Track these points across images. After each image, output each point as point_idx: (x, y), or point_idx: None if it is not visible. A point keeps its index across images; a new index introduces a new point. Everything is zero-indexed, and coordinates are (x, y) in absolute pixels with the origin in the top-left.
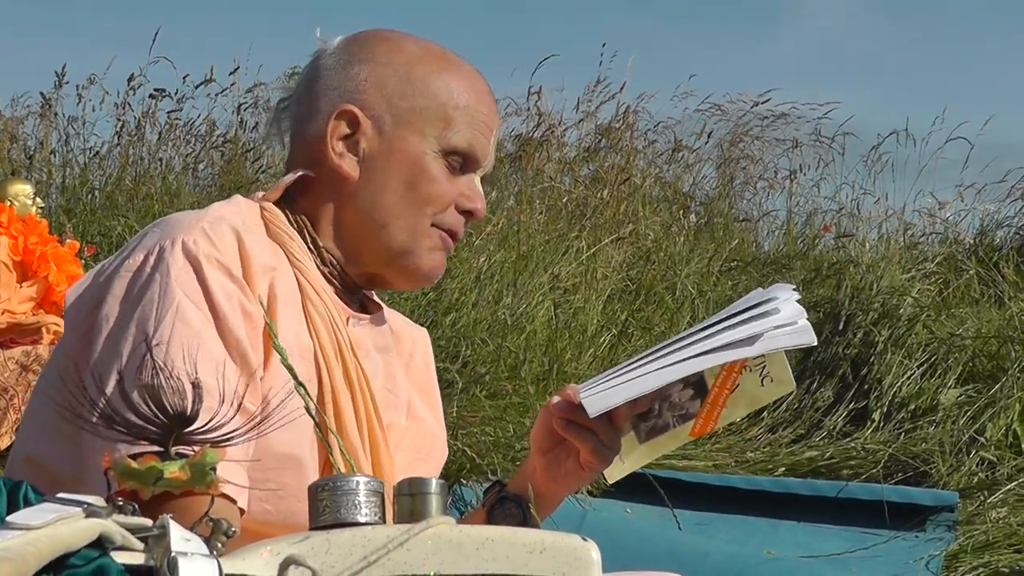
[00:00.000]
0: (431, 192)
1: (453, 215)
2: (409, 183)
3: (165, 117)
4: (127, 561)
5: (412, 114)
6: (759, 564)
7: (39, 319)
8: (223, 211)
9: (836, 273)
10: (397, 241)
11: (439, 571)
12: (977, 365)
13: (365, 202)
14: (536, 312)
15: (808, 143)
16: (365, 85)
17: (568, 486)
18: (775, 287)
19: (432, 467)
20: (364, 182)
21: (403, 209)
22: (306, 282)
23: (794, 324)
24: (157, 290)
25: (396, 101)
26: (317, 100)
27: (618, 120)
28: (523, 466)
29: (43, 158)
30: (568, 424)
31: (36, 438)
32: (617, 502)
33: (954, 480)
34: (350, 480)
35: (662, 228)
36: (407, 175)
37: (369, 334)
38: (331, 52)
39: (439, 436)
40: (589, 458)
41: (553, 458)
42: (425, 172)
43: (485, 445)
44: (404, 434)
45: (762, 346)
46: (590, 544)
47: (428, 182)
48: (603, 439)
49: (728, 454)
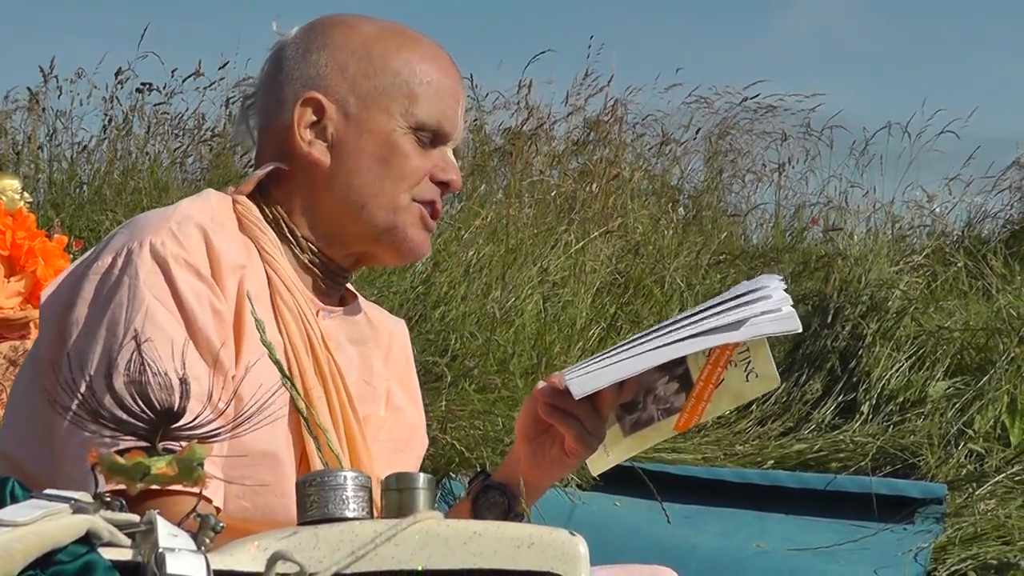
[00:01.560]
0: (405, 168)
1: (430, 188)
2: (381, 161)
3: (153, 111)
4: (114, 557)
5: (376, 93)
6: (748, 557)
7: (27, 314)
8: (191, 209)
9: (824, 266)
10: (378, 219)
11: (427, 566)
12: (965, 358)
13: (341, 186)
14: (525, 306)
15: (796, 136)
16: (326, 70)
17: (553, 474)
18: (762, 276)
19: (412, 458)
20: (336, 166)
21: (379, 187)
22: (276, 277)
23: (779, 311)
24: (126, 293)
25: (359, 82)
26: (281, 90)
27: (606, 113)
28: (508, 456)
29: (31, 153)
30: (553, 410)
31: (11, 437)
32: (606, 495)
33: (942, 472)
34: (338, 475)
35: (651, 222)
36: (378, 154)
37: (341, 326)
38: (290, 43)
39: (419, 427)
40: (574, 444)
41: (538, 445)
42: (396, 149)
43: (474, 439)
44: (382, 425)
45: (747, 331)
46: (578, 538)
47: (400, 158)
48: (587, 426)
49: (717, 447)
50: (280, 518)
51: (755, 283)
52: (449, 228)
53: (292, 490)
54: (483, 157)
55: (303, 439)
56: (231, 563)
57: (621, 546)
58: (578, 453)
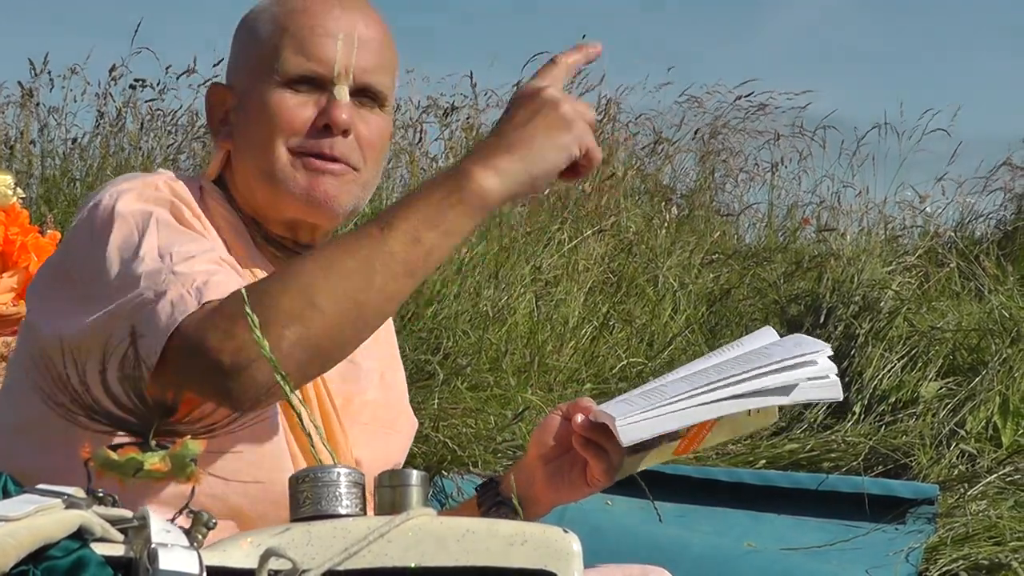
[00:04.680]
0: (278, 123)
1: (313, 136)
2: (261, 125)
3: (146, 108)
4: (107, 552)
5: (252, 65)
6: (740, 556)
7: (20, 310)
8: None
9: (817, 266)
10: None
11: (420, 563)
12: (958, 358)
13: (241, 162)
14: (518, 304)
15: (788, 135)
16: (233, 65)
17: (570, 497)
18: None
19: (396, 443)
20: (237, 146)
21: (260, 150)
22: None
23: (825, 379)
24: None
25: (244, 64)
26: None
27: (599, 112)
28: (518, 471)
29: (23, 148)
30: (587, 443)
31: (3, 429)
32: (598, 494)
33: (934, 473)
34: (331, 472)
35: (643, 221)
36: (258, 120)
37: None
38: None
39: (404, 410)
40: (599, 477)
41: (556, 468)
42: (268, 108)
43: (466, 437)
44: (365, 408)
45: (794, 397)
46: (571, 536)
47: (274, 116)
48: (615, 461)
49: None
50: (271, 514)
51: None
52: None
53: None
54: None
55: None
56: (224, 559)
57: (613, 545)
58: (601, 484)
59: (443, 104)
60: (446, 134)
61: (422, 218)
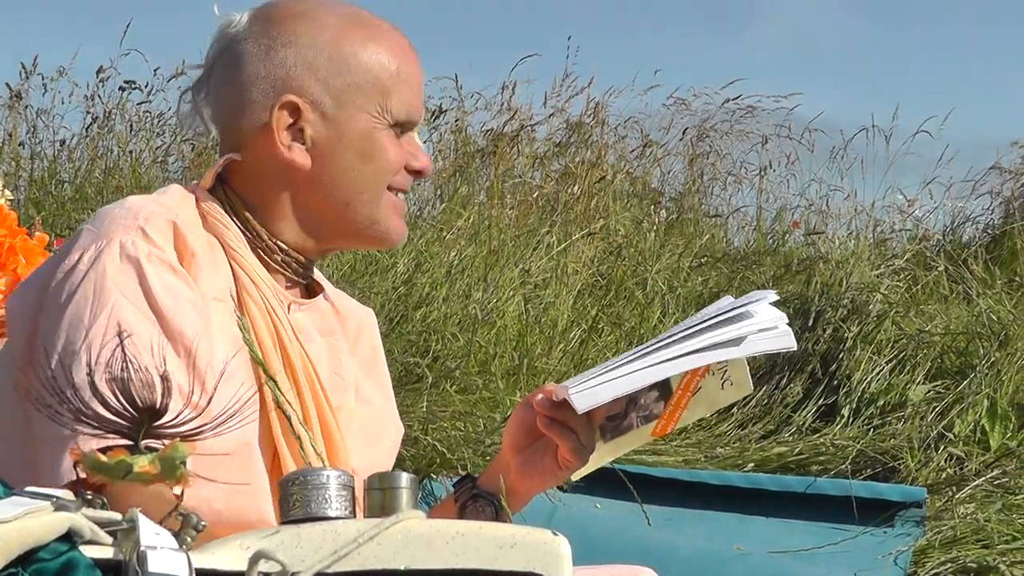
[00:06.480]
0: (385, 162)
1: (405, 177)
2: (364, 158)
3: (135, 110)
4: (96, 555)
5: (350, 92)
6: (728, 559)
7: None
8: (157, 204)
9: (806, 269)
10: (362, 215)
11: (409, 565)
12: (946, 361)
13: (324, 186)
14: (507, 307)
15: (776, 138)
16: (296, 71)
17: (543, 483)
18: (754, 292)
19: (383, 450)
20: (319, 168)
21: (364, 184)
22: (242, 272)
23: (776, 328)
24: (92, 288)
25: (332, 82)
26: (247, 91)
27: (588, 115)
28: (494, 463)
29: (11, 150)
30: (551, 422)
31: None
32: (587, 497)
33: (922, 476)
34: (320, 474)
35: (633, 224)
36: (360, 151)
37: (311, 318)
38: (246, 34)
39: (389, 417)
40: (568, 456)
41: (528, 456)
42: (377, 145)
43: (455, 440)
44: (353, 416)
45: (746, 348)
46: (560, 538)
47: (381, 153)
48: (582, 438)
49: (698, 449)
50: (252, 518)
51: (749, 298)
52: (431, 229)
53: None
54: (465, 158)
55: (274, 437)
56: (213, 562)
57: (602, 547)
58: (572, 465)
59: (430, 107)
60: (435, 137)
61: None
